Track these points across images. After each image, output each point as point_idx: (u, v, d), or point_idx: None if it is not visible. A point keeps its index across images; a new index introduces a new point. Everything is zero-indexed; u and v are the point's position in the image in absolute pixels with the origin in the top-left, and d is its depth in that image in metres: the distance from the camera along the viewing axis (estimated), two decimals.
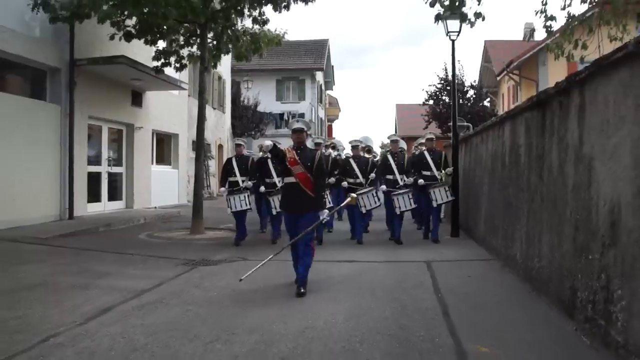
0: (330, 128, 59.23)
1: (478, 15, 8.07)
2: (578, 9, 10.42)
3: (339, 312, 5.89)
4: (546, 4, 8.73)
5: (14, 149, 12.07)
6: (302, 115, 41.50)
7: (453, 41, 12.13)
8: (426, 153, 11.99)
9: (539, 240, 6.53)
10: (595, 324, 4.73)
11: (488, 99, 33.30)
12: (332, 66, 53.12)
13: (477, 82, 31.02)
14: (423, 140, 13.14)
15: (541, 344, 4.81)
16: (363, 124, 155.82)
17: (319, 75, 46.48)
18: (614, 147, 4.44)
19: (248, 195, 11.43)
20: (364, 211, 11.68)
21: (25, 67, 13.19)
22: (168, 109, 19.74)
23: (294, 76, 43.43)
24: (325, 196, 10.36)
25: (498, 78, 30.54)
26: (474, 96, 28.50)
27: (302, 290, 6.81)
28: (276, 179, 11.10)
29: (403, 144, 12.95)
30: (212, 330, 5.23)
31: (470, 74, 61.31)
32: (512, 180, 8.04)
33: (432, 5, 7.60)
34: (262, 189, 11.57)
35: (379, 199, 11.83)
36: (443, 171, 11.79)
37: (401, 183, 11.59)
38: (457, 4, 7.93)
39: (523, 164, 7.41)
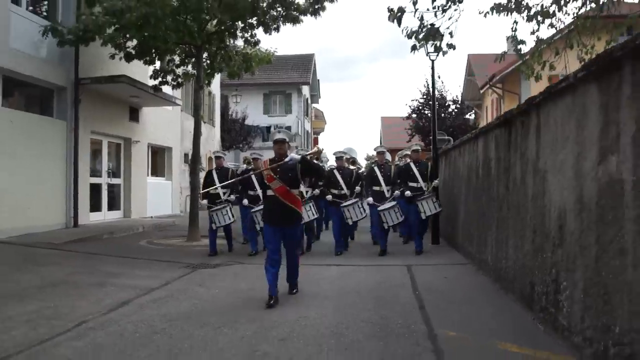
0: (315, 140, 59.99)
1: (450, 46, 8.97)
2: (546, 33, 11.09)
3: (328, 306, 6.76)
4: (516, 30, 9.58)
5: (25, 162, 12.84)
6: (288, 128, 42.36)
7: (433, 61, 13.06)
8: (412, 164, 11.92)
9: (506, 244, 7.43)
10: (547, 312, 5.62)
11: (473, 112, 34.08)
12: (318, 80, 54.04)
13: (460, 95, 31.72)
14: (408, 152, 13.43)
15: (502, 330, 5.67)
16: (348, 136, 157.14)
17: (305, 89, 47.28)
18: (560, 162, 5.35)
19: (230, 209, 11.46)
20: (350, 223, 11.70)
21: (35, 86, 14.00)
22: (162, 123, 20.58)
23: (280, 90, 44.22)
24: (311, 207, 11.19)
25: (481, 91, 31.09)
26: (455, 110, 29.33)
27: (295, 290, 7.54)
28: (259, 192, 11.04)
29: (388, 156, 13.21)
30: (219, 319, 6.07)
31: (455, 87, 62.39)
32: (484, 190, 8.94)
33: (409, 37, 8.47)
34: (246, 201, 11.64)
35: (364, 210, 11.88)
36: (431, 183, 11.73)
37: (387, 195, 11.71)
38: (431, 39, 8.82)
39: (493, 175, 8.32)
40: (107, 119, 16.73)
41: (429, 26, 8.55)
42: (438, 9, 8.60)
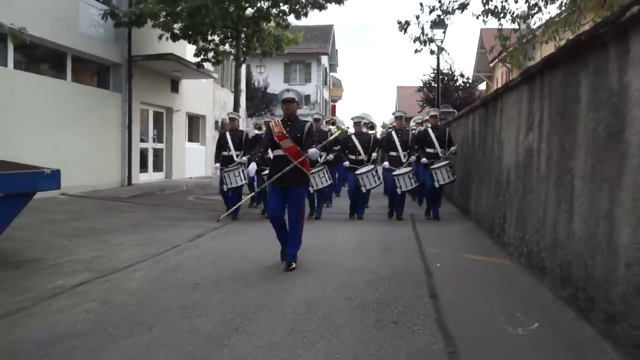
0: (334, 108, 62.01)
1: (441, 49, 11.38)
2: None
3: (349, 238, 9.24)
4: (501, 29, 11.81)
5: (89, 129, 15.33)
6: (308, 97, 44.73)
7: (441, 41, 15.31)
8: (430, 130, 11.88)
9: (481, 195, 9.91)
10: (499, 236, 8.16)
11: (484, 82, 36.13)
12: (336, 50, 56.06)
13: (473, 68, 33.67)
14: (426, 117, 13.70)
15: (469, 248, 8.20)
16: (365, 103, 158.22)
17: (324, 59, 49.27)
18: (509, 135, 7.77)
19: (242, 171, 11.28)
20: (364, 190, 11.53)
21: (95, 63, 16.45)
22: (198, 94, 23.03)
23: (300, 60, 46.13)
24: (325, 173, 11.14)
25: (491, 65, 33.20)
26: (462, 84, 31.43)
27: (293, 266, 6.89)
28: (271, 155, 10.57)
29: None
30: (266, 243, 8.26)
31: (468, 60, 64.44)
32: (471, 155, 11.38)
33: (413, 42, 10.97)
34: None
35: (379, 178, 11.65)
36: (448, 149, 11.57)
37: (404, 160, 11.57)
38: (427, 43, 11.25)
39: (476, 144, 10.75)
40: (153, 91, 19.21)
41: (426, 37, 11.04)
42: (433, 22, 11.01)
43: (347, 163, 11.81)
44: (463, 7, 10.92)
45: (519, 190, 7.05)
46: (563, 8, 11.32)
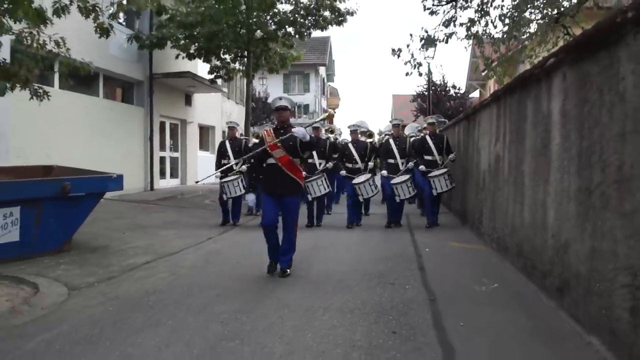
0: (331, 116, 63.74)
1: (430, 72, 13.17)
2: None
3: (354, 235, 10.93)
4: (483, 52, 13.62)
5: (117, 140, 17.06)
6: (307, 106, 46.51)
7: (429, 63, 17.14)
8: (428, 137, 11.82)
9: (465, 195, 11.65)
10: (477, 228, 9.91)
11: (477, 90, 37.80)
12: (333, 60, 57.95)
13: (466, 77, 35.29)
14: (424, 125, 13.69)
15: (453, 238, 9.89)
16: (361, 111, 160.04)
17: (322, 70, 51.07)
18: (484, 144, 9.53)
19: (242, 180, 11.49)
20: (361, 199, 11.82)
21: (122, 81, 18.21)
22: (208, 106, 24.81)
23: (299, 71, 47.72)
24: (322, 181, 11.43)
25: (483, 74, 34.87)
26: (453, 94, 33.18)
27: (287, 272, 6.97)
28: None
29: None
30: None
31: (463, 67, 66.25)
32: (458, 161, 13.11)
33: (405, 64, 12.79)
34: None
35: (376, 187, 11.82)
36: (446, 157, 11.68)
37: (402, 168, 11.59)
38: (417, 67, 13.06)
39: (462, 151, 12.47)
40: (170, 105, 20.97)
41: (416, 62, 12.85)
42: (424, 39, 12.78)
43: (343, 172, 11.82)
44: (449, 36, 12.69)
45: (491, 189, 8.80)
46: (533, 38, 13.05)
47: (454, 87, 32.44)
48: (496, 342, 4.46)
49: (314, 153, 11.37)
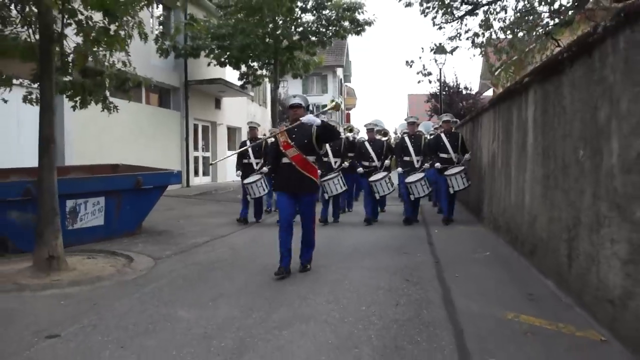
0: (348, 116, 65.41)
1: (440, 76, 14.86)
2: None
3: (372, 227, 12.58)
4: (488, 60, 15.36)
5: (158, 141, 18.93)
6: (324, 106, 48.22)
7: (440, 68, 18.82)
8: (443, 135, 11.84)
9: (471, 187, 13.35)
10: (479, 213, 11.60)
11: (490, 89, 39.28)
12: (350, 61, 59.68)
13: (479, 75, 36.74)
14: (440, 123, 13.47)
15: (460, 221, 11.51)
16: (378, 111, 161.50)
17: (339, 71, 52.87)
18: (484, 143, 11.23)
19: (264, 180, 11.53)
20: (377, 197, 12.02)
21: (161, 88, 20.08)
22: (235, 109, 26.66)
23: (317, 72, 49.20)
24: (339, 180, 11.59)
25: (496, 73, 36.49)
26: (465, 95, 34.61)
27: (308, 267, 7.21)
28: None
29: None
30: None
31: (477, 65, 67.55)
32: None
33: (417, 74, 14.56)
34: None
35: (392, 185, 11.93)
36: (462, 155, 11.76)
37: (417, 165, 11.63)
38: (428, 75, 14.81)
39: (468, 147, 14.18)
40: (202, 108, 22.84)
41: (426, 71, 14.59)
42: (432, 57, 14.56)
43: (360, 170, 12.05)
44: (454, 49, 14.43)
45: (489, 180, 10.52)
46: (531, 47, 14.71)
47: (466, 88, 33.97)
48: (480, 285, 6.20)
49: (329, 151, 11.91)
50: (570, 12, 11.81)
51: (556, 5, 12.94)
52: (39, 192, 7.17)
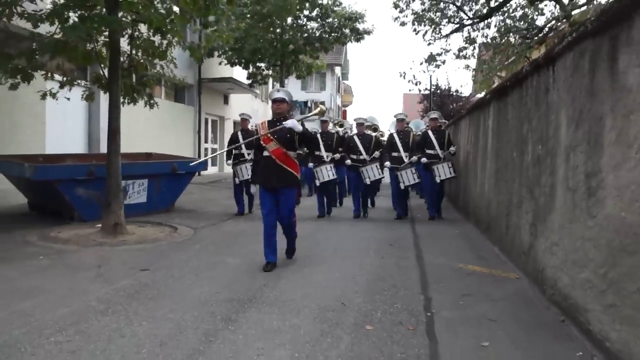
0: (344, 113, 67.21)
1: (431, 84, 16.99)
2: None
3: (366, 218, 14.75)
4: (473, 71, 17.52)
5: (174, 134, 21.00)
6: (322, 103, 50.14)
7: (430, 75, 20.89)
8: (430, 132, 12.17)
9: (450, 182, 15.52)
10: (457, 205, 13.74)
11: (483, 92, 41.54)
12: (348, 60, 61.67)
13: (472, 78, 39.10)
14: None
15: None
16: (374, 108, 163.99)
17: (337, 69, 54.86)
18: (462, 144, 13.37)
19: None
20: (368, 182, 12.22)
21: (176, 85, 22.11)
22: (241, 105, 28.69)
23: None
24: (330, 167, 12.11)
25: (493, 72, 38.74)
26: (455, 97, 36.87)
27: (292, 257, 7.55)
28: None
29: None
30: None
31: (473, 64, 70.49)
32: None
33: (409, 82, 16.67)
34: None
35: (382, 171, 12.37)
36: (448, 150, 12.02)
37: (406, 161, 11.92)
38: (418, 84, 16.93)
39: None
40: (212, 104, 24.96)
41: (417, 81, 16.66)
42: (425, 65, 16.68)
43: (348, 161, 12.34)
44: (442, 62, 16.57)
45: (464, 176, 12.64)
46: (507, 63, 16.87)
47: (456, 90, 36.22)
48: (445, 250, 8.36)
49: (321, 145, 12.26)
50: (535, 38, 13.93)
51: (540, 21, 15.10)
52: (107, 171, 9.22)
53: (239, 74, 24.68)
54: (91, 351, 4.06)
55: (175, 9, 9.51)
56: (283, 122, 6.73)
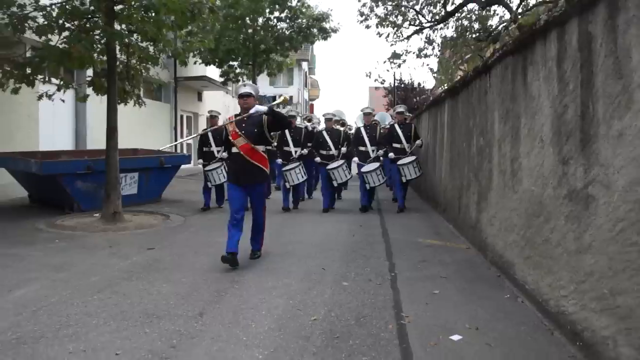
0: (312, 107, 68.37)
1: (394, 80, 18.29)
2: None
3: (336, 207, 15.98)
4: (437, 69, 18.84)
5: (151, 129, 21.95)
6: (291, 98, 51.42)
7: (394, 74, 22.14)
8: (396, 126, 12.35)
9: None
10: (422, 193, 15.06)
11: (446, 84, 43.01)
12: (314, 55, 62.86)
13: (437, 70, 40.52)
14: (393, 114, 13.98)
15: (408, 200, 14.98)
16: (340, 102, 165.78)
17: (304, 64, 56.02)
18: (424, 135, 14.68)
19: (224, 167, 11.76)
20: (335, 184, 12.44)
21: (153, 84, 23.12)
22: (213, 101, 29.76)
23: None
24: (300, 169, 12.28)
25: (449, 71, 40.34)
26: (418, 90, 38.28)
27: (258, 254, 7.37)
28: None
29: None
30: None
31: (432, 62, 72.06)
32: None
33: (375, 81, 17.96)
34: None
35: (349, 172, 12.52)
36: (414, 144, 12.22)
37: (372, 155, 12.04)
38: (382, 83, 18.18)
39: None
40: (187, 101, 25.97)
41: (382, 79, 17.91)
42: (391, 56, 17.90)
43: (318, 159, 12.48)
44: (403, 61, 17.85)
45: (425, 165, 13.93)
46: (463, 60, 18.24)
47: (419, 84, 37.56)
48: (407, 228, 9.67)
49: (290, 140, 12.55)
50: (488, 38, 15.28)
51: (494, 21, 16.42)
52: (106, 165, 10.28)
53: (212, 72, 25.76)
54: (129, 304, 5.22)
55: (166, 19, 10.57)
56: (250, 110, 6.73)
